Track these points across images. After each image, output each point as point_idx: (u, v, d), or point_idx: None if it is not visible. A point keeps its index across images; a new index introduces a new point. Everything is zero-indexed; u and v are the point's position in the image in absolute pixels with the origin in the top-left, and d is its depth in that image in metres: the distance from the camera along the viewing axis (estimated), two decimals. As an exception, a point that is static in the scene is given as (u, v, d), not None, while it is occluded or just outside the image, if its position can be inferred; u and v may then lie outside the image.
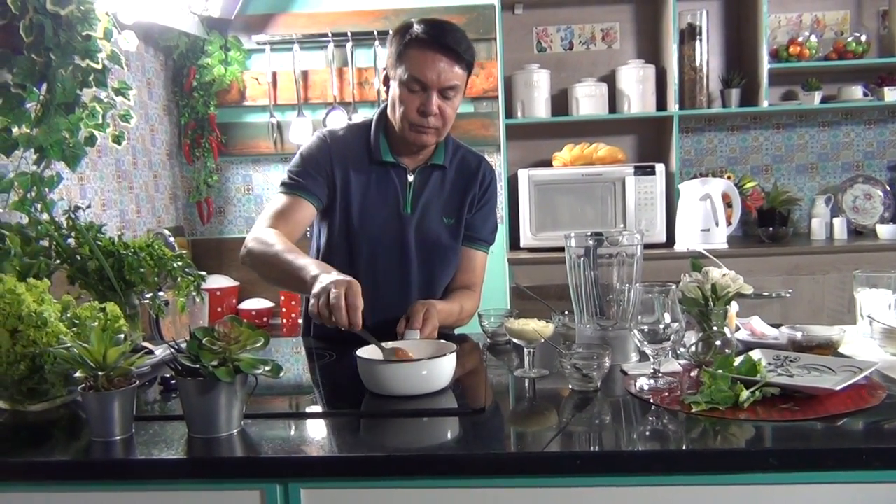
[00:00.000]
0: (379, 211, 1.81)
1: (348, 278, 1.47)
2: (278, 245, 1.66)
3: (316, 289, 1.47)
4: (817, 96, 3.52)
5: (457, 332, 1.94)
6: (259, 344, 1.15)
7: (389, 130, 1.82)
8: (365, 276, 1.74)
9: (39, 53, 2.01)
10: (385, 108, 1.83)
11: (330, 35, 3.66)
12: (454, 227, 1.87)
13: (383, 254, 1.81)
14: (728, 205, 3.43)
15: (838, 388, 1.21)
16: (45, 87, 2.06)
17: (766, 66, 3.41)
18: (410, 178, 1.83)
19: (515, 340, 1.50)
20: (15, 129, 2.04)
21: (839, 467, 1.04)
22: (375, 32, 3.62)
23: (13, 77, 2.02)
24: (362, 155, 1.83)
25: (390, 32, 1.79)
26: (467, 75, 1.76)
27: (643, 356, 1.41)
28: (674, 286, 1.33)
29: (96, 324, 1.33)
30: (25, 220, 1.83)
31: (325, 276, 1.49)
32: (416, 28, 1.70)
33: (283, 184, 1.81)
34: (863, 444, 1.07)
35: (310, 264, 1.57)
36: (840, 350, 1.50)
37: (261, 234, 1.72)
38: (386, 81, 1.79)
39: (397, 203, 1.82)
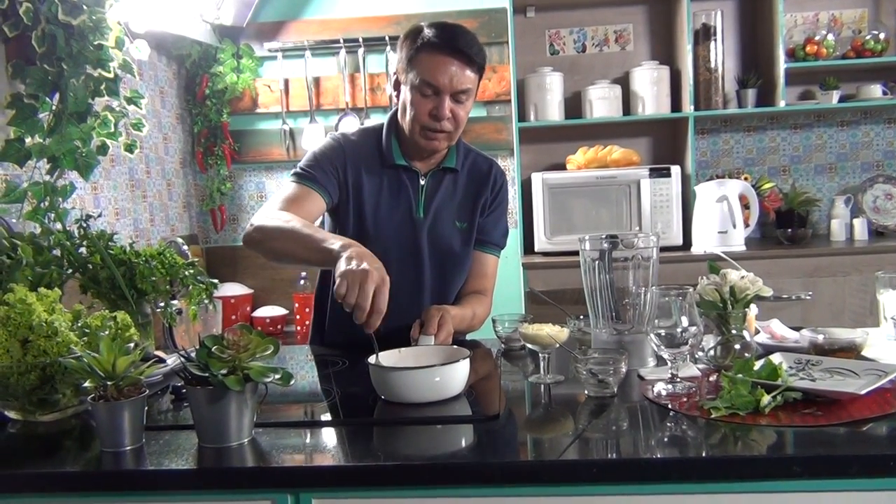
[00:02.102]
0: (392, 215, 1.80)
1: (381, 272, 1.39)
2: (296, 221, 1.59)
3: (343, 267, 1.38)
4: (835, 95, 3.48)
5: (470, 337, 1.92)
6: (269, 352, 1.14)
7: (401, 134, 1.81)
8: None
9: (52, 63, 2.02)
10: (396, 112, 1.81)
11: (341, 41, 3.66)
12: (466, 231, 1.85)
13: (396, 258, 1.79)
14: (745, 206, 3.39)
15: (862, 392, 1.17)
16: (57, 96, 2.07)
17: (782, 65, 3.37)
18: (422, 181, 1.82)
19: (530, 346, 1.48)
20: (28, 139, 2.05)
21: (864, 474, 1.01)
22: (387, 38, 3.62)
23: (26, 87, 2.04)
24: (374, 159, 1.81)
25: (400, 36, 1.77)
26: (479, 78, 1.74)
27: (660, 361, 1.39)
28: (691, 289, 1.30)
29: (106, 333, 1.32)
30: (39, 229, 1.83)
31: (354, 251, 1.41)
32: (428, 32, 1.69)
33: (295, 174, 1.77)
34: (889, 450, 1.04)
35: (333, 236, 1.50)
36: (864, 353, 1.47)
37: (272, 213, 1.64)
38: (397, 86, 1.77)
39: (410, 207, 1.81)
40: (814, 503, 1.03)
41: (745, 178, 3.60)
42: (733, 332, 1.40)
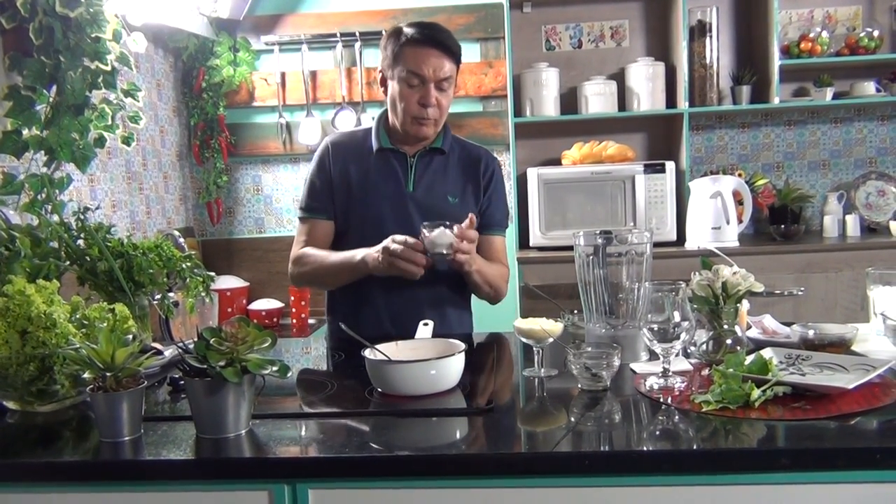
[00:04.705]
0: (381, 190, 1.89)
1: (381, 249, 1.73)
2: (318, 254, 1.90)
3: (371, 268, 1.74)
4: (829, 92, 3.49)
5: (465, 331, 1.94)
6: (266, 344, 1.15)
7: (390, 126, 1.93)
8: None
9: (49, 56, 2.02)
10: (386, 110, 1.95)
11: (338, 35, 3.66)
12: (458, 207, 1.91)
13: (391, 231, 1.83)
14: (739, 202, 3.40)
15: (851, 386, 1.19)
16: (54, 89, 2.07)
17: (776, 62, 3.38)
18: (411, 160, 1.92)
19: (524, 340, 1.49)
20: (25, 131, 2.05)
21: (852, 467, 1.03)
22: (384, 32, 3.60)
23: (23, 79, 2.04)
24: (361, 149, 1.93)
25: (384, 35, 1.94)
26: (457, 69, 1.89)
27: (653, 355, 1.40)
28: (684, 284, 1.32)
29: (105, 325, 1.33)
30: (36, 221, 1.84)
31: (370, 255, 1.74)
32: (408, 30, 1.85)
33: (300, 209, 1.98)
34: (876, 444, 1.06)
35: (352, 251, 1.81)
36: (853, 348, 1.49)
37: (299, 256, 1.94)
38: (383, 83, 1.91)
39: (399, 183, 1.91)
40: (802, 495, 1.05)
41: (739, 175, 3.62)
42: (725, 327, 1.42)
